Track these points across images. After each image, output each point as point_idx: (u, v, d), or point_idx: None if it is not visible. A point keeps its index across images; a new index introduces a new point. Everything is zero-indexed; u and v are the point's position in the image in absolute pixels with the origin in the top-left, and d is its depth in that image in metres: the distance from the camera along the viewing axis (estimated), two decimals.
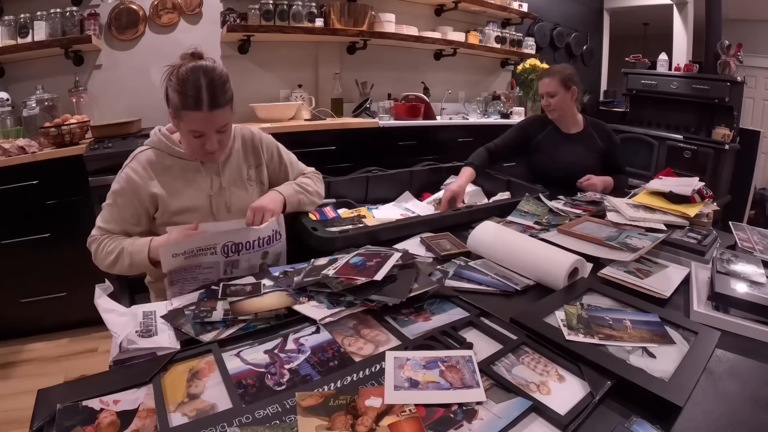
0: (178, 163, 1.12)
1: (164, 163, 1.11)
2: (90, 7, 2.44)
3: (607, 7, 4.74)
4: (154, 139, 1.13)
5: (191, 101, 0.99)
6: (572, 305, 0.83)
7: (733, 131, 3.35)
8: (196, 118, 1.01)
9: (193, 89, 0.99)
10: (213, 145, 1.05)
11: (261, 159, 1.26)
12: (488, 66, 3.98)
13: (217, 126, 1.04)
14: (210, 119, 1.02)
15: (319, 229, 1.15)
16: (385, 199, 1.68)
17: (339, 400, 0.59)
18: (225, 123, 1.06)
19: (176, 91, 1.01)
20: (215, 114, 1.02)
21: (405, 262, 0.94)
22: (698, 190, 1.35)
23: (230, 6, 2.71)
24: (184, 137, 1.08)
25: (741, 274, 0.92)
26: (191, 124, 1.02)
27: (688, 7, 4.04)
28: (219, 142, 1.06)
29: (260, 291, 0.90)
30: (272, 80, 2.99)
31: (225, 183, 1.17)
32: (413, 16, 3.32)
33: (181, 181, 1.12)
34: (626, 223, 1.25)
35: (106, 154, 2.02)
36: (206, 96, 0.99)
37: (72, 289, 2.16)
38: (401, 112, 2.99)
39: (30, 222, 2.06)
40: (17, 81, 2.37)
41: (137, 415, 0.58)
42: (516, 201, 1.44)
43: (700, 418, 0.59)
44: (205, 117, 1.01)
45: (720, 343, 0.73)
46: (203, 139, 1.04)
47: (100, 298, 0.78)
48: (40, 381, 1.55)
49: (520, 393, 0.61)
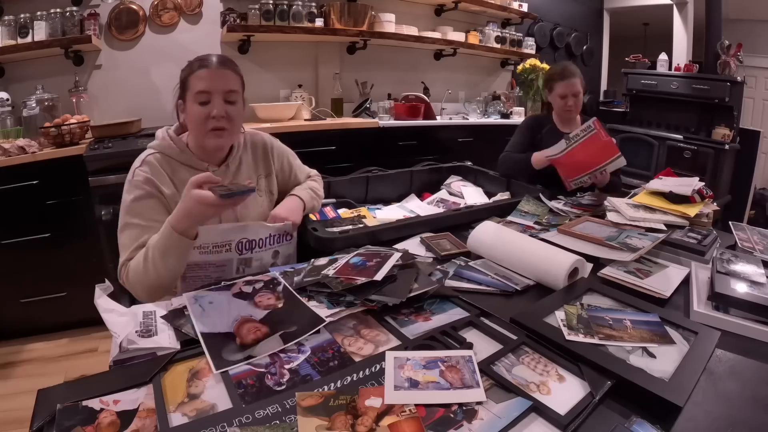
0: (184, 170, 1.07)
1: (172, 169, 1.06)
2: (90, 7, 2.45)
3: (607, 7, 4.75)
4: (162, 143, 1.08)
5: (201, 62, 1.02)
6: (572, 305, 0.83)
7: (733, 131, 3.35)
8: (202, 76, 1.00)
9: (203, 56, 1.04)
10: (220, 109, 1.01)
11: (271, 168, 1.24)
12: (488, 66, 3.98)
13: (223, 87, 1.01)
14: (217, 76, 1.01)
15: (319, 229, 1.15)
16: (386, 199, 1.68)
17: (339, 400, 0.59)
18: (232, 89, 1.03)
19: (184, 68, 1.04)
20: (222, 72, 1.02)
21: (405, 262, 0.94)
22: (698, 190, 1.35)
23: (230, 6, 2.71)
24: (191, 114, 1.03)
25: (741, 274, 0.92)
26: (198, 84, 1.00)
27: (688, 7, 4.04)
28: (227, 113, 1.02)
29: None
30: (272, 80, 2.99)
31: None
32: (413, 16, 3.33)
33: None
34: (626, 223, 1.25)
35: (106, 154, 2.02)
36: (215, 57, 1.03)
37: (72, 289, 2.16)
38: (401, 112, 2.99)
39: (30, 222, 2.06)
40: (17, 81, 2.37)
41: (137, 415, 0.58)
42: (516, 201, 1.44)
43: (700, 418, 0.59)
44: (212, 73, 1.00)
45: (720, 343, 0.73)
46: (210, 107, 1.01)
47: (100, 298, 0.78)
48: (40, 381, 1.55)
49: (520, 393, 0.61)
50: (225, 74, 1.02)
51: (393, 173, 1.75)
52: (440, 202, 1.65)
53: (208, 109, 1.01)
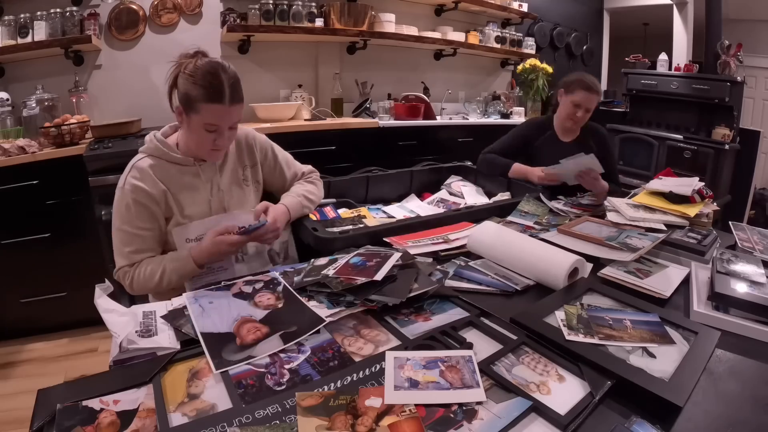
0: (175, 169, 1.11)
1: (162, 169, 1.10)
2: (90, 7, 2.45)
3: (607, 7, 4.74)
4: (150, 146, 1.11)
5: (214, 94, 1.01)
6: (572, 305, 0.83)
7: (733, 131, 3.35)
8: (215, 111, 1.02)
9: (217, 82, 1.01)
10: (224, 141, 1.07)
11: (255, 159, 1.27)
12: (488, 66, 3.98)
13: (232, 121, 1.06)
14: (228, 113, 1.04)
15: (319, 229, 1.15)
16: (386, 200, 1.68)
17: (339, 400, 0.59)
18: (238, 119, 1.08)
19: (196, 84, 1.01)
20: (234, 109, 1.04)
21: (405, 262, 0.94)
22: (698, 190, 1.35)
23: (230, 6, 2.71)
24: (194, 132, 1.06)
25: (741, 274, 0.92)
26: (209, 117, 1.03)
27: (688, 7, 4.05)
28: (227, 138, 1.08)
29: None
30: (272, 80, 2.99)
31: (223, 186, 1.17)
32: (413, 16, 3.32)
33: (180, 186, 1.11)
34: (626, 223, 1.25)
35: (106, 154, 2.03)
36: (228, 90, 1.02)
37: (72, 289, 2.16)
38: (401, 112, 2.99)
39: (30, 222, 2.06)
40: (17, 81, 2.37)
41: (137, 415, 0.58)
42: (516, 201, 1.44)
43: (700, 418, 0.59)
44: (225, 110, 1.03)
45: (720, 343, 0.73)
46: (215, 135, 1.05)
47: (100, 298, 0.78)
48: (40, 381, 1.55)
49: (520, 393, 0.61)
50: (236, 110, 1.05)
51: (393, 173, 1.75)
52: (440, 202, 1.65)
53: (214, 136, 1.06)
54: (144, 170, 1.07)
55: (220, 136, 1.06)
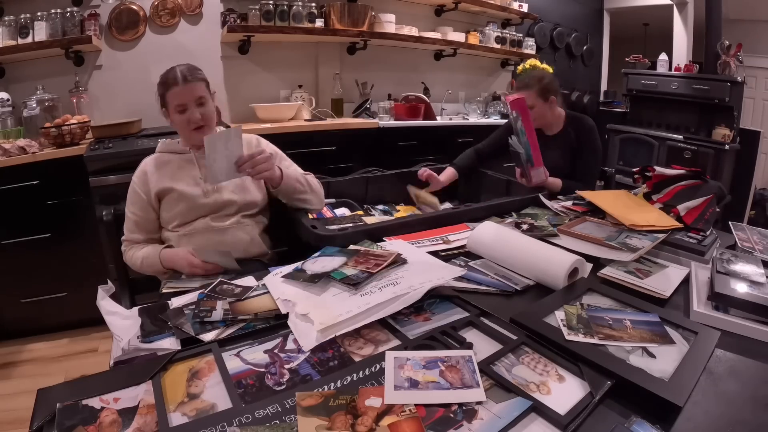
0: (176, 158, 1.34)
1: (164, 159, 1.33)
2: (90, 7, 2.45)
3: (607, 7, 4.75)
4: (161, 147, 1.37)
5: (170, 80, 1.24)
6: (572, 305, 0.83)
7: (733, 131, 3.35)
8: (175, 93, 1.24)
9: (170, 73, 1.26)
10: (195, 116, 1.26)
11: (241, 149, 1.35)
12: (488, 66, 3.98)
13: (194, 96, 1.25)
14: (186, 90, 1.24)
15: (318, 226, 1.15)
16: (386, 200, 1.68)
17: (339, 400, 0.59)
18: (201, 95, 1.27)
19: (159, 83, 1.27)
20: (189, 86, 1.24)
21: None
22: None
23: (230, 6, 2.71)
24: (175, 122, 1.29)
25: (741, 274, 0.92)
26: (173, 99, 1.25)
27: (688, 8, 4.05)
28: (201, 115, 1.27)
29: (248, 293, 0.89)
30: (272, 80, 2.99)
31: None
32: (413, 17, 3.32)
33: (176, 169, 1.32)
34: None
35: (107, 154, 2.03)
36: (179, 74, 1.24)
37: (72, 289, 2.17)
38: (401, 112, 2.99)
39: (30, 222, 2.06)
40: (17, 81, 2.38)
41: (138, 412, 0.58)
42: (515, 200, 1.44)
43: (700, 418, 0.59)
44: (182, 89, 1.24)
45: (720, 343, 0.73)
46: (188, 114, 1.26)
47: (103, 300, 0.78)
48: (40, 381, 1.55)
49: (520, 393, 0.61)
50: (192, 87, 1.25)
51: (393, 173, 1.75)
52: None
53: (187, 116, 1.27)
54: (147, 164, 1.32)
55: (191, 113, 1.25)
